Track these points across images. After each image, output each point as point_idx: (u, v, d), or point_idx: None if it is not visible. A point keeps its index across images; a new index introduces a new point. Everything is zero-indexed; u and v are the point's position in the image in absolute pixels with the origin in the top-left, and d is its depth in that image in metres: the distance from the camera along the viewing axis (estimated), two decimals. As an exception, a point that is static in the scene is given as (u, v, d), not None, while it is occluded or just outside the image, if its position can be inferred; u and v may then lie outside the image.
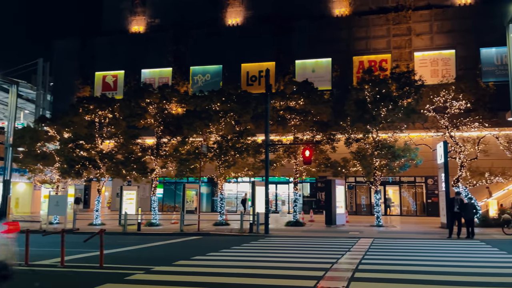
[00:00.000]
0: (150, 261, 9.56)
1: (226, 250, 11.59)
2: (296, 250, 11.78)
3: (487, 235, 15.43)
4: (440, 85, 20.60)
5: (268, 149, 18.07)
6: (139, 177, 20.38)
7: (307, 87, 20.18)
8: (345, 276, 7.56)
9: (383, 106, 18.79)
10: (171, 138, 20.66)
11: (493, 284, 6.87)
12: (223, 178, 20.60)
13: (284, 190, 30.40)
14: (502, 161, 21.23)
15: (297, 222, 19.94)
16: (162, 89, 20.80)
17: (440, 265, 8.75)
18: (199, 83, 30.65)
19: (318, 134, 20.53)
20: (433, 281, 7.09)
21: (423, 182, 27.47)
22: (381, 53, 28.30)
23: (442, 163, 18.79)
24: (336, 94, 25.45)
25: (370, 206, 27.41)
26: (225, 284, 7.10)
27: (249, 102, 20.11)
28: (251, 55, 29.75)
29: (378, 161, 19.35)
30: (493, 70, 26.63)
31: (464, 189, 19.56)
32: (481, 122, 19.84)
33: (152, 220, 20.40)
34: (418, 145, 20.28)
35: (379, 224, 19.38)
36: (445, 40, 27.56)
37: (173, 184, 30.85)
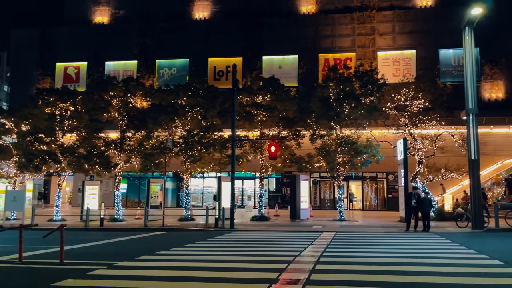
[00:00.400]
0: (113, 257, 9.45)
1: (191, 245, 11.61)
2: (260, 244, 11.96)
3: (442, 228, 16.21)
4: (401, 84, 21.35)
5: (234, 145, 18.15)
6: (102, 172, 19.95)
7: (273, 84, 20.37)
8: (307, 268, 7.79)
9: (346, 103, 19.28)
10: (136, 132, 20.33)
11: (444, 274, 7.28)
12: (189, 173, 20.51)
13: (250, 185, 30.59)
14: (457, 158, 22.31)
15: (263, 216, 20.18)
16: (127, 82, 20.40)
17: (397, 257, 9.16)
18: (165, 77, 30.25)
19: (284, 130, 20.80)
20: (389, 271, 7.43)
21: (384, 178, 28.41)
22: (346, 52, 28.93)
23: (402, 159, 19.50)
24: (302, 91, 25.87)
25: (334, 201, 28.08)
26: (189, 277, 7.15)
27: (216, 97, 20.09)
28: (218, 50, 29.65)
29: (341, 157, 19.85)
30: (450, 71, 27.83)
31: (421, 184, 20.42)
32: (439, 121, 20.74)
33: (116, 215, 20.05)
34: (379, 142, 20.96)
35: (341, 218, 19.91)
36: (406, 41, 28.52)
37: (138, 179, 30.38)
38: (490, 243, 11.55)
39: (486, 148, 25.56)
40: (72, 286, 6.62)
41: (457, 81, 26.39)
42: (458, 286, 6.29)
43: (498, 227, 15.71)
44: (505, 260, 8.51)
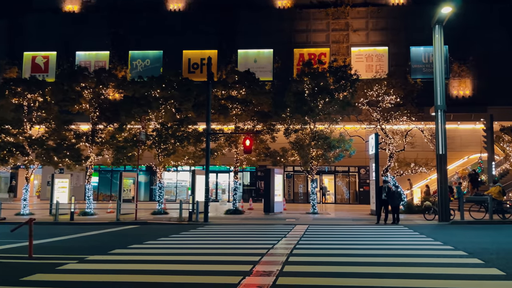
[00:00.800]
0: (84, 251, 9.30)
1: (164, 239, 11.55)
2: (234, 237, 12.02)
3: (410, 221, 16.72)
4: (374, 80, 21.77)
5: (209, 138, 18.09)
6: (72, 165, 19.50)
7: (249, 77, 20.38)
8: (280, 260, 7.90)
9: (320, 98, 19.51)
10: (108, 125, 19.93)
11: (411, 264, 7.54)
12: (162, 167, 20.32)
13: (224, 179, 30.58)
14: (426, 153, 22.99)
15: (237, 210, 20.25)
16: (99, 73, 19.95)
17: (367, 249, 9.41)
18: (138, 69, 29.74)
19: (259, 124, 20.86)
20: (360, 263, 7.63)
21: (356, 172, 28.98)
22: (320, 47, 29.20)
23: (374, 154, 19.95)
24: (277, 85, 25.96)
25: (307, 194, 28.45)
26: (163, 271, 7.13)
27: (191, 90, 19.92)
28: (193, 42, 29.36)
29: (315, 151, 20.12)
30: (420, 68, 28.56)
31: (392, 178, 20.96)
32: (409, 116, 21.29)
33: (87, 209, 19.68)
34: (352, 137, 21.34)
35: (314, 212, 20.22)
36: (379, 37, 29.04)
37: (109, 172, 29.85)
38: (455, 235, 12.01)
39: (453, 144, 26.46)
40: (42, 280, 6.49)
41: (427, 78, 27.10)
42: (424, 276, 6.53)
43: (463, 219, 16.35)
44: (468, 251, 8.88)
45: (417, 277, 6.45)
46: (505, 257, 8.10)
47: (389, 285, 5.96)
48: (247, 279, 6.37)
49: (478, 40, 27.81)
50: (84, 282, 6.38)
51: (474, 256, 8.25)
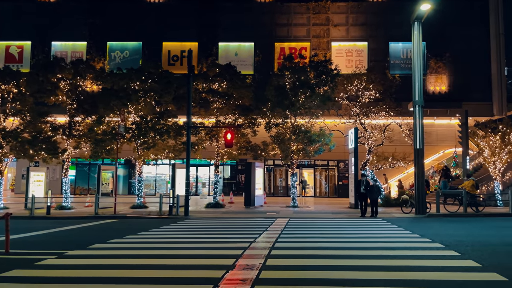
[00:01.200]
0: (63, 246, 9.13)
1: (145, 233, 11.45)
2: (215, 231, 12.01)
3: (388, 214, 17.06)
4: (354, 75, 22.02)
5: (190, 131, 17.95)
6: (48, 158, 19.03)
7: (230, 71, 20.28)
8: (262, 254, 7.95)
9: (301, 92, 19.59)
10: (86, 117, 19.51)
11: (391, 256, 7.71)
12: (142, 160, 20.07)
13: (204, 173, 30.47)
14: (403, 147, 23.47)
15: (217, 203, 20.23)
16: (76, 64, 19.46)
17: (348, 241, 9.56)
18: (117, 60, 29.20)
19: (240, 118, 20.82)
20: (341, 256, 7.76)
21: (335, 166, 29.34)
22: (301, 41, 29.28)
23: (353, 148, 20.23)
24: (258, 79, 25.93)
25: (287, 188, 28.66)
26: (144, 265, 7.07)
27: (171, 82, 19.68)
28: (173, 34, 28.99)
29: (295, 145, 20.24)
30: (399, 63, 29.02)
31: (371, 172, 21.31)
32: (388, 111, 21.66)
33: (64, 203, 19.28)
34: (332, 131, 21.57)
35: (294, 205, 20.39)
36: (359, 33, 29.32)
37: (87, 166, 29.31)
38: (432, 228, 12.32)
39: (430, 138, 27.08)
40: (20, 276, 6.34)
41: (405, 74, 27.56)
42: (404, 268, 6.69)
43: (438, 212, 16.78)
44: (445, 243, 9.14)
45: (396, 269, 6.60)
46: (480, 249, 8.37)
47: (370, 278, 6.07)
48: (230, 273, 6.39)
49: (455, 37, 28.42)
50: (64, 278, 6.26)
51: (451, 248, 8.49)
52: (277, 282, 5.87)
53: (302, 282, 5.86)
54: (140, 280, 6.09)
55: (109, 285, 5.83)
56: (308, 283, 5.77)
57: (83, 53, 29.08)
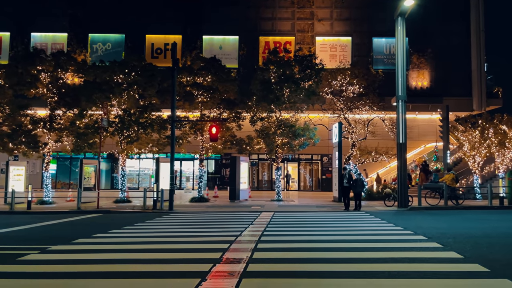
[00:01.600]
0: (45, 241, 8.98)
1: (129, 227, 11.34)
2: (201, 225, 11.99)
3: (371, 207, 17.30)
4: (338, 69, 22.16)
5: (174, 125, 17.81)
6: (29, 152, 18.65)
7: (214, 64, 20.16)
8: (249, 247, 7.97)
9: (286, 87, 19.63)
10: (67, 110, 19.14)
11: (375, 249, 7.83)
12: (125, 154, 19.84)
13: (188, 167, 30.31)
14: (386, 142, 23.76)
15: (202, 198, 20.18)
16: (57, 56, 19.07)
17: (332, 234, 9.67)
18: (99, 52, 28.69)
19: (225, 112, 20.76)
20: (326, 248, 7.84)
21: (319, 160, 29.56)
22: (285, 35, 29.28)
23: (337, 142, 20.40)
24: (242, 72, 25.87)
25: (271, 182, 28.77)
26: (130, 260, 7.00)
27: (155, 75, 19.45)
28: (156, 26, 28.61)
29: (280, 139, 20.31)
30: (382, 59, 29.31)
31: (354, 166, 21.55)
32: (371, 106, 21.89)
33: (45, 198, 18.95)
34: (316, 125, 21.71)
35: (279, 199, 20.49)
36: (343, 27, 29.48)
37: (68, 160, 28.82)
38: (414, 220, 12.55)
39: (411, 133, 27.45)
40: (3, 272, 6.20)
41: (388, 69, 27.91)
42: (389, 260, 6.80)
43: (420, 205, 17.10)
44: (427, 235, 9.33)
45: (380, 261, 6.70)
46: (462, 241, 8.57)
47: (354, 270, 6.15)
48: (217, 266, 6.39)
49: (436, 33, 28.85)
50: (48, 273, 6.16)
51: (433, 240, 8.67)
52: (265, 274, 5.90)
53: (289, 274, 5.90)
54: (126, 274, 6.03)
55: (94, 279, 5.77)
56: (295, 276, 5.82)
57: (63, 44, 28.47)
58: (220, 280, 5.61)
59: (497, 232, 9.82)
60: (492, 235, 9.31)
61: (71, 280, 5.74)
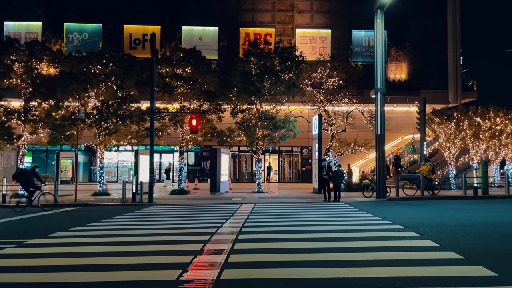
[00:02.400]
0: (22, 235, 8.78)
1: (108, 220, 11.20)
2: (181, 217, 11.93)
3: (350, 198, 17.56)
4: (318, 62, 22.28)
5: (153, 117, 17.57)
6: (3, 144, 18.16)
7: (194, 55, 19.95)
8: (230, 239, 7.99)
9: (267, 79, 19.62)
10: (43, 102, 18.68)
11: (354, 238, 7.97)
12: (103, 147, 19.51)
13: (168, 159, 30.06)
14: (365, 134, 24.13)
15: (182, 190, 20.07)
16: (31, 45, 18.54)
17: (312, 225, 9.78)
18: (75, 42, 28.03)
19: (205, 104, 20.62)
20: (306, 239, 7.93)
21: (299, 152, 29.78)
22: (266, 27, 29.22)
23: (317, 134, 20.56)
24: (222, 64, 25.72)
25: (252, 174, 28.83)
26: (109, 253, 6.92)
27: (133, 66, 19.14)
28: (135, 16, 28.14)
29: (261, 131, 20.33)
30: (361, 51, 29.61)
31: (333, 158, 21.79)
32: (350, 98, 22.13)
33: (20, 191, 18.47)
34: (296, 117, 21.81)
35: (259, 191, 20.57)
36: (323, 20, 29.60)
37: (44, 152, 28.18)
38: (392, 210, 12.81)
39: (389, 125, 27.97)
40: (-23, 267, 6.05)
41: (367, 61, 28.22)
42: (366, 249, 6.93)
43: (398, 196, 17.45)
44: (405, 225, 9.54)
45: (358, 250, 6.83)
46: (437, 230, 8.81)
47: (333, 259, 6.25)
48: (198, 258, 6.38)
49: (414, 26, 29.30)
50: (25, 267, 6.04)
51: (410, 229, 8.87)
52: (246, 265, 5.93)
53: (270, 264, 5.95)
54: (106, 267, 5.97)
55: (74, 273, 5.68)
56: (276, 266, 5.87)
57: (38, 34, 27.69)
58: (202, 271, 5.62)
59: (471, 222, 10.12)
60: (467, 224, 9.59)
61: (48, 274, 5.65)
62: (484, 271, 5.48)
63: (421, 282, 5.03)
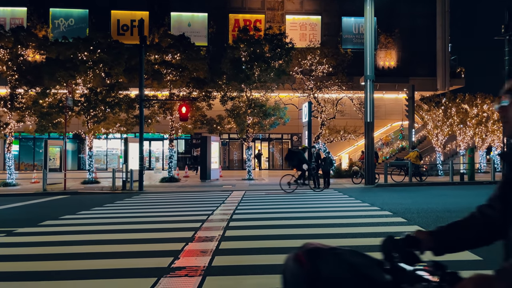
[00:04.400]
0: (11, 223, 8.74)
1: (98, 208, 11.19)
2: (172, 204, 11.97)
3: (340, 185, 17.75)
4: (308, 48, 22.24)
5: (142, 105, 17.46)
6: (-11, 132, 17.88)
7: (183, 42, 19.76)
8: (221, 226, 8.06)
9: (257, 66, 19.54)
10: (29, 89, 18.36)
11: (344, 225, 8.10)
12: (92, 134, 19.35)
13: (158, 147, 29.96)
14: (354, 121, 24.27)
15: (172, 178, 20.06)
16: (16, 31, 18.15)
17: (302, 211, 9.90)
18: (61, 28, 27.52)
19: (195, 91, 20.50)
20: (296, 225, 8.03)
21: (289, 139, 29.88)
22: (255, 13, 28.97)
23: (307, 121, 20.63)
24: (212, 51, 25.51)
25: (242, 161, 28.89)
26: (100, 241, 6.94)
27: (121, 53, 18.89)
28: (122, 2, 27.70)
29: (251, 119, 20.32)
30: (351, 38, 29.58)
31: (323, 145, 21.93)
32: (340, 85, 22.19)
33: (8, 179, 18.31)
34: (286, 105, 21.82)
35: (250, 178, 20.66)
36: (312, 6, 29.43)
37: (32, 140, 27.85)
38: (380, 197, 13.01)
39: (379, 112, 28.12)
40: (-34, 257, 6.03)
41: (356, 48, 28.21)
42: (356, 235, 7.06)
43: (386, 182, 17.69)
44: (393, 211, 9.71)
45: (347, 236, 6.95)
46: (425, 215, 8.98)
47: (325, 245, 6.35)
48: (190, 245, 6.44)
49: (404, 13, 29.31)
50: (15, 256, 6.03)
51: (398, 215, 9.04)
52: (237, 252, 6.00)
53: (261, 251, 6.02)
54: (96, 255, 5.99)
55: (63, 261, 5.69)
56: (266, 252, 5.95)
57: (23, 19, 27.11)
58: (193, 258, 5.67)
59: (458, 207, 10.33)
60: (453, 210, 9.79)
61: (38, 262, 5.65)
62: (470, 255, 5.62)
63: (408, 266, 5.15)
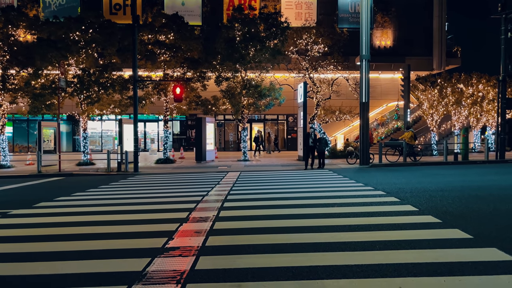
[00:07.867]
0: (6, 205, 8.75)
1: (93, 190, 11.20)
2: (167, 186, 11.99)
3: (334, 165, 17.82)
4: (303, 28, 21.96)
5: (136, 85, 17.30)
6: (-19, 114, 17.70)
7: (177, 21, 19.45)
8: (215, 206, 8.10)
9: (251, 46, 19.31)
10: (21, 70, 18.13)
11: (338, 204, 8.16)
12: (86, 116, 19.22)
13: (153, 128, 29.85)
14: (350, 101, 24.22)
15: (168, 159, 20.06)
16: (7, 11, 17.78)
17: (297, 192, 9.95)
18: (52, 8, 26.97)
19: (189, 71, 20.30)
20: (290, 205, 8.09)
21: (284, 120, 29.83)
22: (251, -8, 28.45)
23: (302, 102, 20.54)
24: (206, 30, 25.16)
25: (237, 142, 28.89)
26: (95, 222, 6.97)
27: (114, 33, 18.59)
28: (114, -20, 27.04)
29: (246, 99, 20.21)
30: (347, 17, 29.23)
31: (318, 125, 21.91)
32: (336, 65, 22.02)
33: (2, 161, 18.26)
34: (281, 85, 21.69)
35: (245, 159, 20.69)
36: (309, -15, 28.92)
37: (26, 122, 27.65)
38: (375, 177, 13.08)
39: (374, 92, 28.10)
40: (-39, 238, 6.04)
41: (352, 28, 27.93)
42: (350, 214, 7.12)
43: (381, 162, 17.77)
44: (387, 190, 9.78)
45: (341, 216, 7.01)
46: (418, 195, 9.06)
47: (316, 225, 6.41)
48: (184, 226, 6.48)
49: (400, -8, 28.90)
50: (10, 237, 6.05)
51: (392, 195, 9.11)
52: (231, 232, 6.05)
53: (255, 231, 6.07)
54: (91, 236, 6.02)
55: (59, 242, 5.72)
56: (260, 232, 6.00)
57: (13, -1, 26.50)
58: (187, 239, 5.71)
59: (450, 186, 10.42)
60: (446, 189, 9.87)
61: (33, 244, 5.67)
62: (460, 233, 5.71)
63: (399, 245, 5.22)
